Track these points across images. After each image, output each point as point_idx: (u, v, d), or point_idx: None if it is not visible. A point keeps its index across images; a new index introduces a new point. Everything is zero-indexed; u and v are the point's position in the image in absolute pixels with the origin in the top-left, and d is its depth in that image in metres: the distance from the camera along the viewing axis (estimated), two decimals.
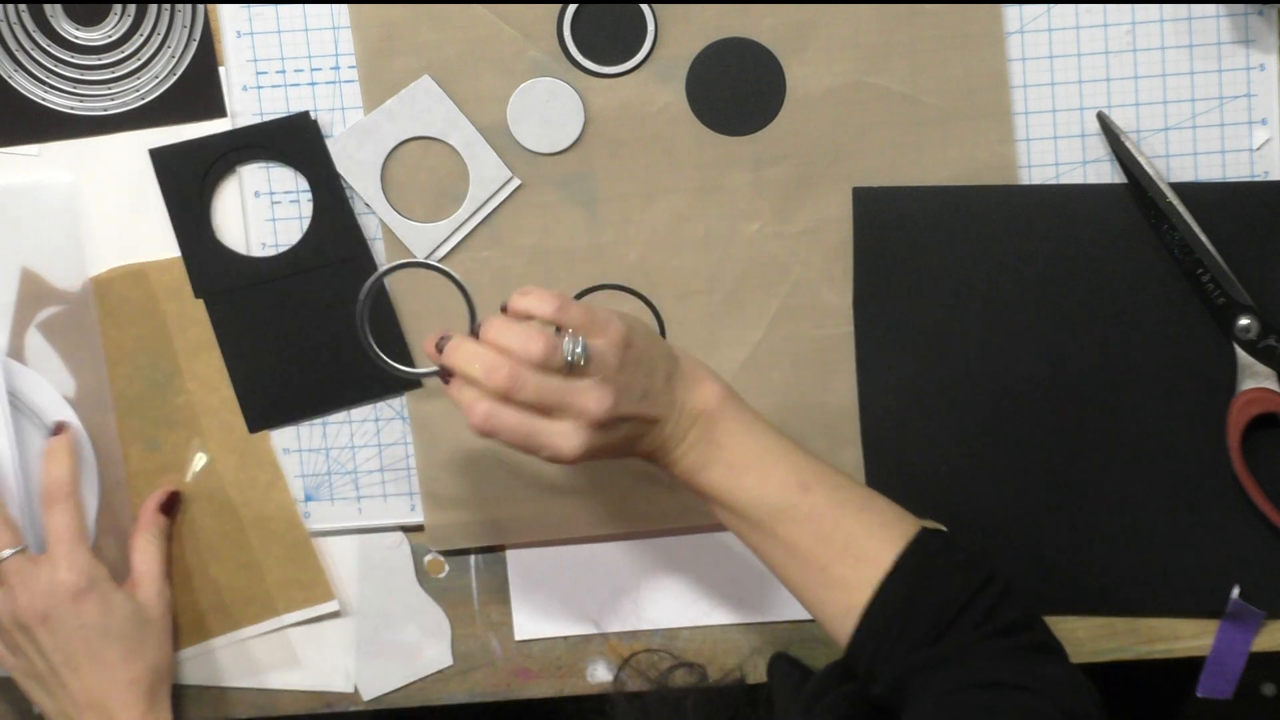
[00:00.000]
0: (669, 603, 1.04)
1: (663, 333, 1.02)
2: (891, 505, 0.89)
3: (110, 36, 1.00)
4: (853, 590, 0.86)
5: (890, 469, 1.01)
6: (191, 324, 1.02)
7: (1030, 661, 0.84)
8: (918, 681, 0.83)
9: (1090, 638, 1.02)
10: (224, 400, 1.03)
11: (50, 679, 0.95)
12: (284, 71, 1.00)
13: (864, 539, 0.87)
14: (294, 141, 1.00)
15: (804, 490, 0.87)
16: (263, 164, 1.01)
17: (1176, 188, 0.96)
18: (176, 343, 1.02)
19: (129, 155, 1.01)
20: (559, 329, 0.85)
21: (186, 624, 1.04)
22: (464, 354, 0.83)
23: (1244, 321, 0.97)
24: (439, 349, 0.86)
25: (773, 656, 1.00)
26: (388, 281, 1.01)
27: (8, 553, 0.95)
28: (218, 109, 1.00)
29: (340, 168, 1.00)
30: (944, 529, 0.90)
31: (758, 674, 1.03)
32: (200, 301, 1.02)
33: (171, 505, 1.02)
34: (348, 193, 1.01)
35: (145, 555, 1.00)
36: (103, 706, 0.94)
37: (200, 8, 0.99)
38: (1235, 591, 0.99)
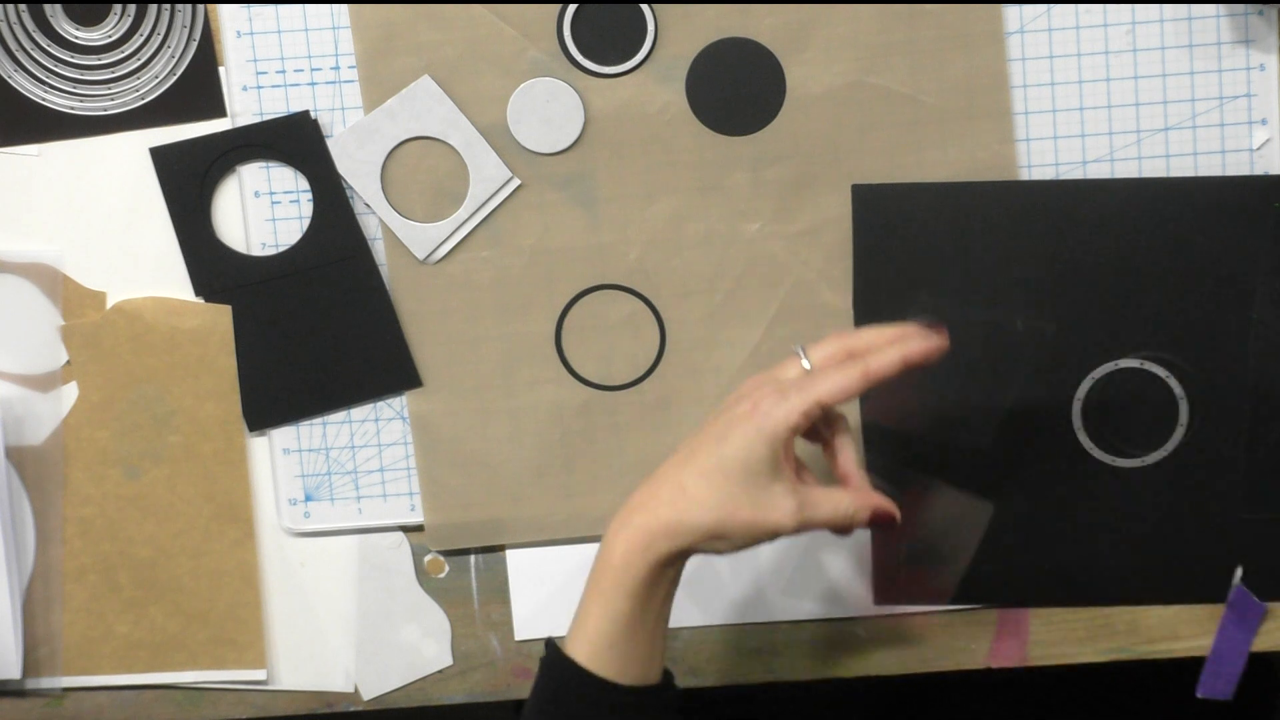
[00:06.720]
0: None
1: (663, 332, 1.02)
2: None
3: (110, 36, 1.00)
4: None
5: (890, 467, 1.01)
6: (207, 371, 1.02)
7: None
8: None
9: (1090, 637, 1.02)
10: (216, 451, 1.02)
11: None
12: (284, 71, 1.00)
13: None
14: (294, 141, 1.00)
15: None
16: (263, 164, 1.01)
17: (1177, 182, 0.97)
18: (186, 385, 1.02)
19: (129, 155, 1.01)
20: None
21: (110, 653, 1.04)
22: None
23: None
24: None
25: None
26: (388, 281, 1.01)
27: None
28: (218, 109, 1.00)
29: (340, 168, 1.00)
30: None
31: (761, 675, 1.03)
32: (220, 353, 1.01)
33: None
34: (348, 193, 1.01)
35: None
36: None
37: (200, 8, 0.99)
38: (1238, 576, 0.99)
